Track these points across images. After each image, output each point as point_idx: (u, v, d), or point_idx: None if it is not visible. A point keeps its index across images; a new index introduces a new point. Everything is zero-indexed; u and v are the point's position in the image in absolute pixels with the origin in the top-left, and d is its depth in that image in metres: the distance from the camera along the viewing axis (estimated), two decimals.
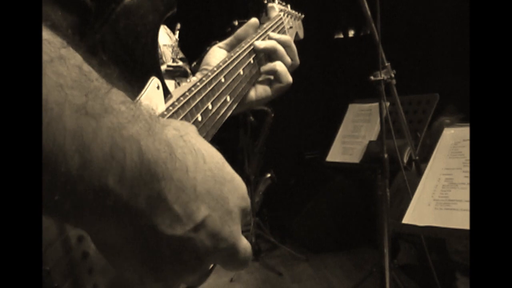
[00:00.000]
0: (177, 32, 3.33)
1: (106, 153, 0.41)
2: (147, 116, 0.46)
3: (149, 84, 0.69)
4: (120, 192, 0.42)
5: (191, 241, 0.48)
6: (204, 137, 0.76)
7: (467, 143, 1.84)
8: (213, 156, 0.52)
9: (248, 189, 4.11)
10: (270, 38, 1.05)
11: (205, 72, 0.84)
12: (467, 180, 1.75)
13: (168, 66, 3.39)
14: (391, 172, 2.51)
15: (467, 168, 1.78)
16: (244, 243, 0.54)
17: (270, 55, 1.03)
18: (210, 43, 3.67)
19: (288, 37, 1.07)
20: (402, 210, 2.15)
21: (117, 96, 0.43)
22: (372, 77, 2.26)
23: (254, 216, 4.14)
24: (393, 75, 2.29)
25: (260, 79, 1.03)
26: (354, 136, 2.89)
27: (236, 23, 4.03)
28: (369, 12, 2.28)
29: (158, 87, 0.71)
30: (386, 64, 2.28)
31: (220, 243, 0.50)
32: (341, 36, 6.01)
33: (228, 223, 0.51)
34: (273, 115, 4.21)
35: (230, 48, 1.02)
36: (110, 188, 0.41)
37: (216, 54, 1.01)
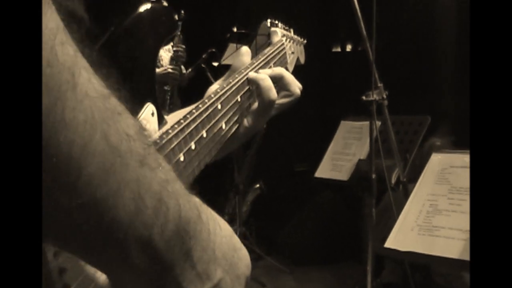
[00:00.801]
0: (180, 24, 3.32)
1: (155, 206, 0.43)
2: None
3: (144, 110, 0.68)
4: (159, 245, 0.45)
5: None
6: (197, 166, 0.75)
7: (454, 170, 1.85)
8: (226, 225, 0.55)
9: (237, 198, 4.13)
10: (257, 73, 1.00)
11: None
12: (452, 207, 1.76)
13: (162, 72, 3.40)
14: (379, 191, 2.52)
15: (452, 195, 1.79)
16: None
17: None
18: (207, 50, 3.62)
19: (279, 71, 0.97)
20: (387, 230, 2.15)
21: (158, 154, 0.47)
22: (364, 97, 2.27)
23: (241, 226, 4.13)
24: (385, 96, 2.30)
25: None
26: (344, 153, 2.89)
27: (235, 29, 4.00)
28: (365, 32, 2.30)
29: (152, 114, 0.70)
30: (379, 85, 2.29)
31: None
32: (339, 49, 6.04)
33: (236, 287, 0.54)
34: (265, 125, 4.21)
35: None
36: (152, 238, 0.44)
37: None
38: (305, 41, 1.44)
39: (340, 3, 2.30)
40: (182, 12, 3.34)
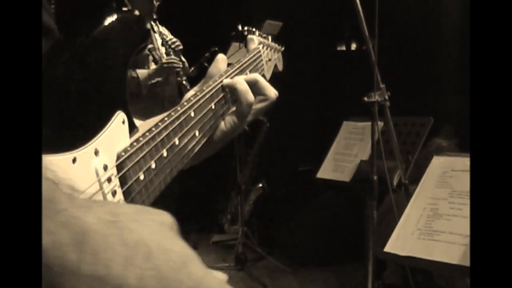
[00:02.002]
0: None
1: None
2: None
3: (114, 119, 0.68)
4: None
5: None
6: (169, 173, 0.75)
7: (455, 173, 1.83)
8: (168, 253, 0.42)
9: (239, 197, 4.12)
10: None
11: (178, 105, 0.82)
12: (452, 212, 1.73)
13: (164, 63, 3.40)
14: (381, 192, 2.49)
15: (453, 199, 1.76)
16: None
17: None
18: (210, 49, 3.62)
19: (253, 76, 0.98)
20: (389, 232, 2.13)
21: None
22: (365, 98, 2.25)
23: (243, 225, 4.12)
24: (387, 97, 2.27)
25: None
26: (346, 154, 2.87)
27: (239, 28, 3.99)
28: (367, 33, 2.27)
29: (123, 122, 0.70)
30: (381, 86, 2.26)
31: None
32: (344, 48, 6.01)
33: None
34: (268, 124, 4.19)
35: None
36: None
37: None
38: (283, 49, 1.44)
39: (345, 1, 2.27)
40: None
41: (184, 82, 3.54)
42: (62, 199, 0.39)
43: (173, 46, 3.57)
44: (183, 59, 3.70)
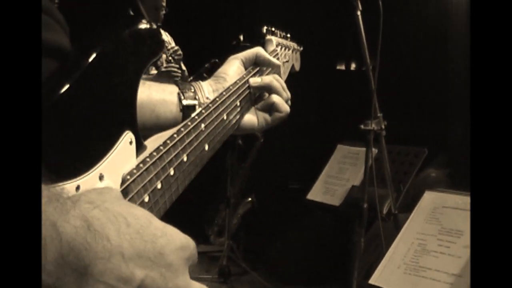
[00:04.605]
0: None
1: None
2: (58, 195, 0.46)
3: (122, 139, 0.66)
4: (46, 280, 0.42)
5: None
6: (175, 191, 0.74)
7: (446, 210, 1.83)
8: (138, 217, 0.52)
9: (227, 210, 4.09)
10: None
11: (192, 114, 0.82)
12: (440, 249, 1.73)
13: (165, 67, 3.39)
14: (370, 218, 2.49)
15: (442, 236, 1.76)
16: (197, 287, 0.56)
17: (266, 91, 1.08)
18: (210, 60, 3.60)
19: (268, 80, 1.06)
20: (374, 259, 2.12)
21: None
22: (362, 126, 2.25)
23: (229, 239, 4.09)
24: (383, 127, 2.27)
25: (259, 107, 1.05)
26: (338, 178, 2.87)
27: (241, 38, 4.01)
28: (368, 60, 2.28)
29: (131, 142, 0.67)
30: (379, 114, 2.27)
31: None
32: (343, 67, 6.01)
33: (171, 277, 0.52)
34: (262, 140, 4.18)
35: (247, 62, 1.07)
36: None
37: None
38: (302, 48, 1.44)
39: (347, 20, 2.28)
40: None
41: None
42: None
43: (173, 54, 3.56)
44: (183, 67, 3.69)
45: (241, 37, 3.82)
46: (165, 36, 3.64)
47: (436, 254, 1.73)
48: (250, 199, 4.28)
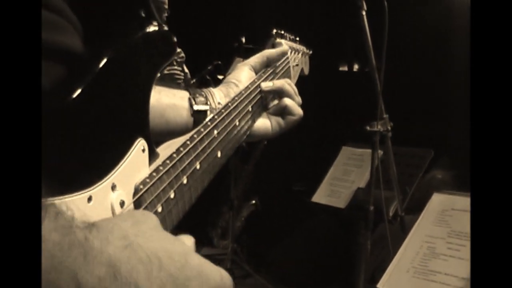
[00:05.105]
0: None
1: None
2: (83, 238, 0.41)
3: (134, 147, 0.63)
4: None
5: None
6: (189, 200, 0.71)
7: (455, 212, 1.80)
8: (172, 256, 0.49)
9: (231, 212, 4.07)
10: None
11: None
12: (450, 252, 1.70)
13: (167, 70, 3.38)
14: (375, 220, 2.46)
15: (451, 240, 1.73)
16: None
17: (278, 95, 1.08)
18: (212, 62, 3.59)
19: (279, 84, 1.06)
20: (379, 262, 2.09)
21: (49, 221, 0.39)
22: (368, 127, 2.22)
23: (233, 242, 4.07)
24: (389, 128, 2.25)
25: (271, 111, 1.05)
26: (343, 180, 2.84)
27: (243, 40, 3.98)
28: (374, 61, 2.25)
29: (143, 150, 0.65)
30: (385, 115, 2.24)
31: None
32: (346, 69, 5.99)
33: None
34: (266, 142, 4.16)
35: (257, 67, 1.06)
36: None
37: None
38: (311, 52, 1.42)
39: (349, 21, 2.26)
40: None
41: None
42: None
43: (176, 56, 3.54)
44: (186, 69, 3.67)
45: (243, 39, 3.81)
46: None
47: (445, 258, 1.70)
48: (253, 201, 4.26)
